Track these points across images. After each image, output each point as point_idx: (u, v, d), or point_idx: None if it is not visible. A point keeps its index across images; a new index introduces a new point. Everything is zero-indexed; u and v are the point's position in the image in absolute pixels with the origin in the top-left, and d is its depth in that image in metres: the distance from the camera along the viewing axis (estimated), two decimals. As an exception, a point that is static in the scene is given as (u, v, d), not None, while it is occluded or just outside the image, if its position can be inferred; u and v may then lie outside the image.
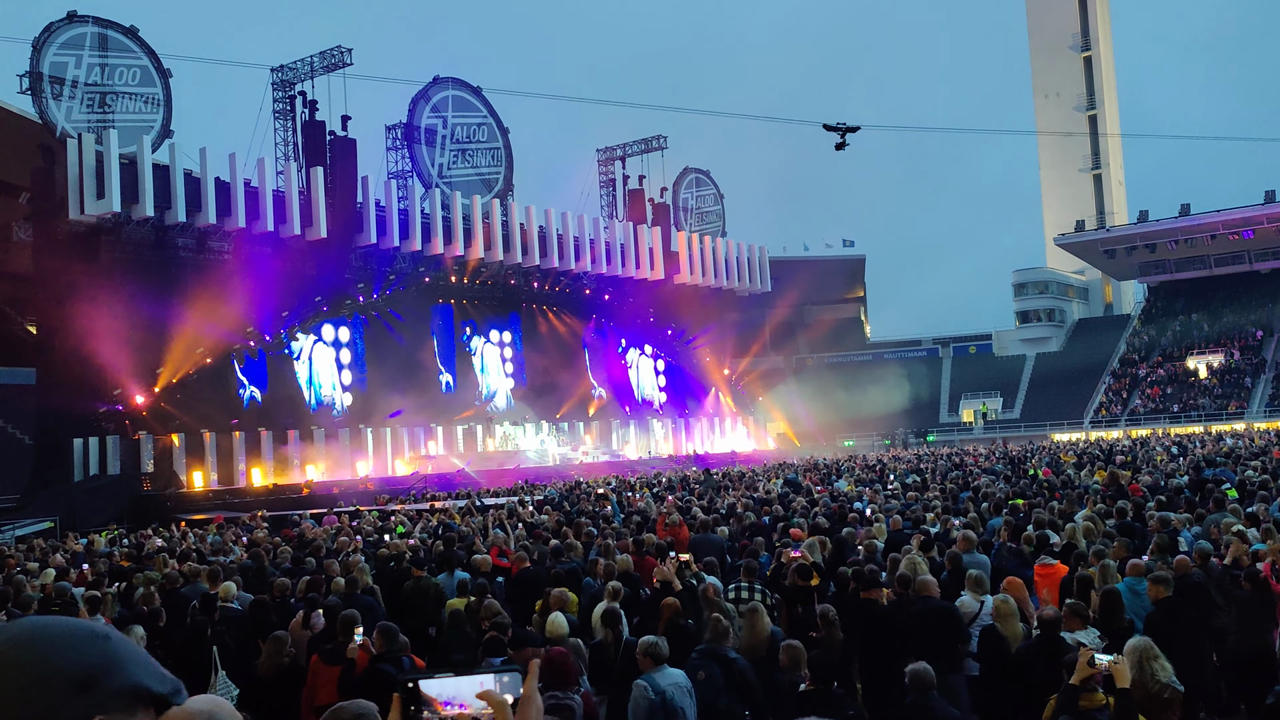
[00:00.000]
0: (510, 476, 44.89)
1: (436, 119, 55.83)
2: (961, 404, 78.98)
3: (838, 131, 31.87)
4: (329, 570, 13.17)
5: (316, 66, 48.26)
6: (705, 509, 20.00)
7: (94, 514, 34.38)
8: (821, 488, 25.84)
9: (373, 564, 14.27)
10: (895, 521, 15.39)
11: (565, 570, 12.34)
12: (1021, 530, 13.32)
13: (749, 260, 71.50)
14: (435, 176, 54.82)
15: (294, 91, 48.72)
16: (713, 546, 14.38)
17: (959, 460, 37.16)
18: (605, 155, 68.78)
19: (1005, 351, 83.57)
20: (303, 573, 13.20)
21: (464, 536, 16.74)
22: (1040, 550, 12.02)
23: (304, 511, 29.25)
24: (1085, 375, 75.05)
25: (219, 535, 22.06)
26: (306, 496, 38.92)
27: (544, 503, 26.85)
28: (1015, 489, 21.23)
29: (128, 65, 43.48)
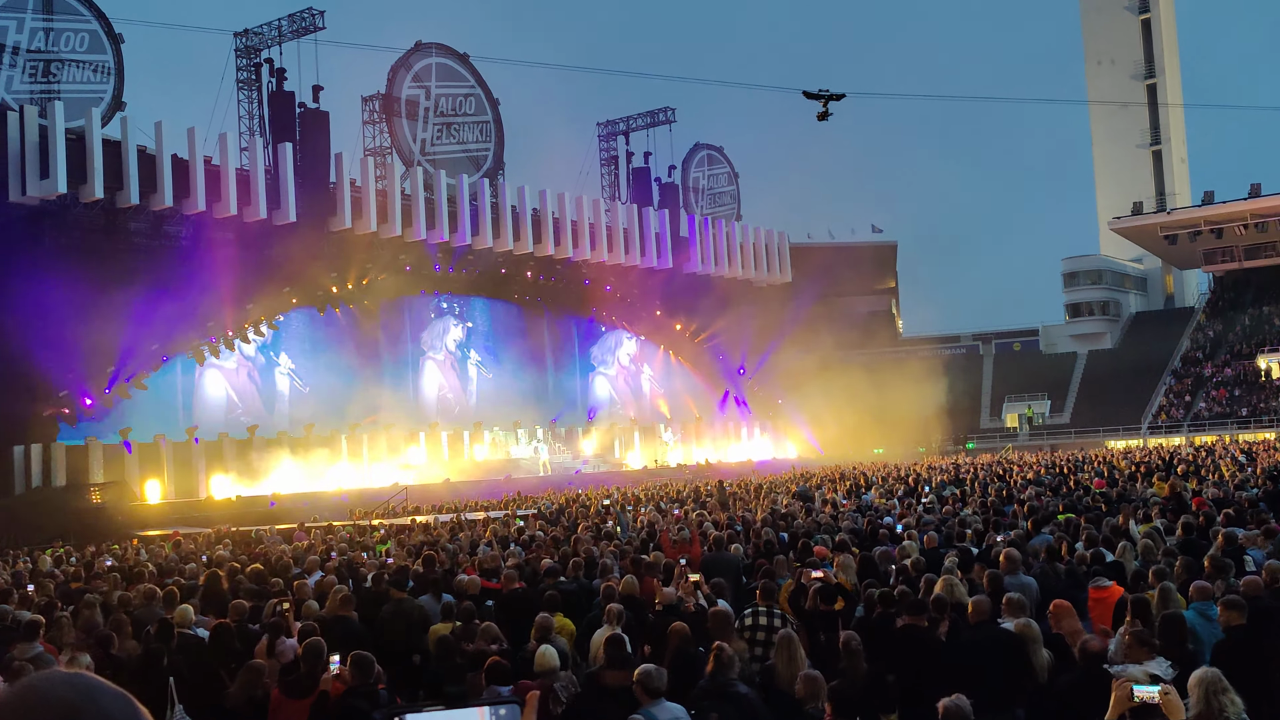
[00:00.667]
0: (501, 488, 44.91)
1: (418, 89, 55.86)
2: (1005, 407, 78.87)
3: (819, 99, 31.99)
4: (299, 592, 13.16)
5: (285, 31, 48.30)
6: (718, 524, 19.99)
7: (37, 530, 34.42)
8: (848, 501, 25.80)
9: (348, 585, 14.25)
10: (930, 539, 15.37)
11: (562, 592, 12.33)
12: (1072, 548, 13.28)
13: (767, 247, 71.44)
14: (417, 153, 54.84)
15: (260, 59, 48.76)
16: (726, 566, 14.37)
17: (1002, 470, 37.10)
18: (607, 130, 68.76)
19: (1054, 348, 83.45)
20: (268, 595, 13.20)
21: (450, 555, 16.74)
22: (1094, 571, 12.00)
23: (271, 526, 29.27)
24: (1143, 375, 74.92)
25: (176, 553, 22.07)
26: (274, 510, 38.95)
27: (538, 518, 26.83)
28: (1065, 502, 21.19)
29: (75, 30, 43.54)
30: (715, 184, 74.07)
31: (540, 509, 31.04)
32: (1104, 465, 36.52)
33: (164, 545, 24.50)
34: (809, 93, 32.18)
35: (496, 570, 14.85)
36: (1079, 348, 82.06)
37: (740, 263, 69.17)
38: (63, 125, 40.81)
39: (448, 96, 57.38)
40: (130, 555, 22.57)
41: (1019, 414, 77.74)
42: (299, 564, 17.34)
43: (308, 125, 48.54)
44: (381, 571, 15.01)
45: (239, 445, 46.02)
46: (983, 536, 15.62)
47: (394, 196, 51.14)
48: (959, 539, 15.56)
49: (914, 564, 12.94)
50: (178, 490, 43.46)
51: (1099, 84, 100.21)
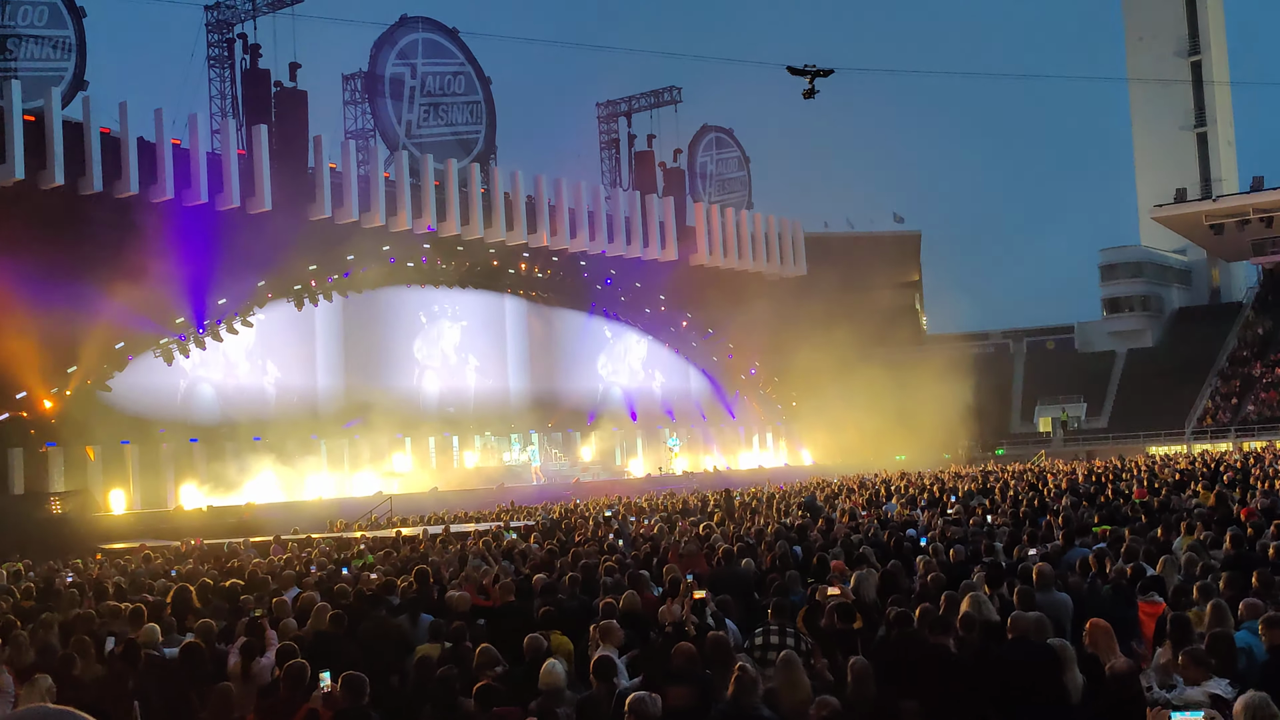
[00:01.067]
0: (493, 498, 44.96)
1: (404, 67, 55.89)
2: (1037, 410, 78.81)
3: (804, 76, 32.05)
4: (276, 609, 13.18)
5: (259, 4, 48.36)
6: (727, 537, 20.00)
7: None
8: (868, 512, 25.81)
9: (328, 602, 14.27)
10: (956, 552, 15.37)
11: (559, 610, 12.34)
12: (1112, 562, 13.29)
13: (781, 237, 71.44)
14: (402, 136, 54.86)
15: (232, 34, 48.83)
16: (736, 581, 14.38)
17: (1034, 478, 37.08)
18: (607, 111, 68.77)
19: (1090, 347, 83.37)
20: (242, 612, 13.22)
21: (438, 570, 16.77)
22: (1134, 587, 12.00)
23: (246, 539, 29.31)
24: (1187, 376, 74.85)
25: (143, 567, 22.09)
26: (249, 521, 38.99)
27: (532, 529, 26.85)
28: (1102, 513, 21.18)
29: (33, 3, 43.56)
30: (724, 169, 74.06)
31: (536, 520, 31.06)
32: (1144, 473, 36.49)
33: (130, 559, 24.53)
34: (794, 69, 32.19)
35: (488, 586, 14.86)
36: (1117, 346, 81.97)
37: (751, 254, 69.15)
38: (20, 106, 40.86)
39: (435, 75, 57.39)
40: (94, 570, 22.59)
41: (1052, 417, 77.66)
42: (275, 579, 17.35)
43: (284, 106, 48.54)
44: (364, 587, 15.03)
45: (210, 451, 46.06)
46: (1013, 550, 15.61)
47: (377, 182, 51.14)
48: (987, 553, 15.57)
49: (935, 580, 12.95)
50: (144, 500, 43.50)
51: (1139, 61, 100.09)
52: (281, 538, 28.00)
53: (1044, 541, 16.53)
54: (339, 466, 49.84)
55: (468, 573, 16.31)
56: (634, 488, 51.68)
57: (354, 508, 42.51)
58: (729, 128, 75.28)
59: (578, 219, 59.07)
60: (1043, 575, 12.16)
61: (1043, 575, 12.16)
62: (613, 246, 60.93)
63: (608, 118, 68.77)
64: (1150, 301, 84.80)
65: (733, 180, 74.32)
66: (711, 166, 73.27)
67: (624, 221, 61.60)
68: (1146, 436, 70.33)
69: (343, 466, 49.96)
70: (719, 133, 74.36)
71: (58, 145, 41.42)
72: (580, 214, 59.18)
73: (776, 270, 71.04)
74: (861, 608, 11.77)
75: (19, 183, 40.85)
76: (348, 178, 49.91)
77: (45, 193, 41.99)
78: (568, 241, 58.56)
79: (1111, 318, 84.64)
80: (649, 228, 62.82)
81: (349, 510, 41.70)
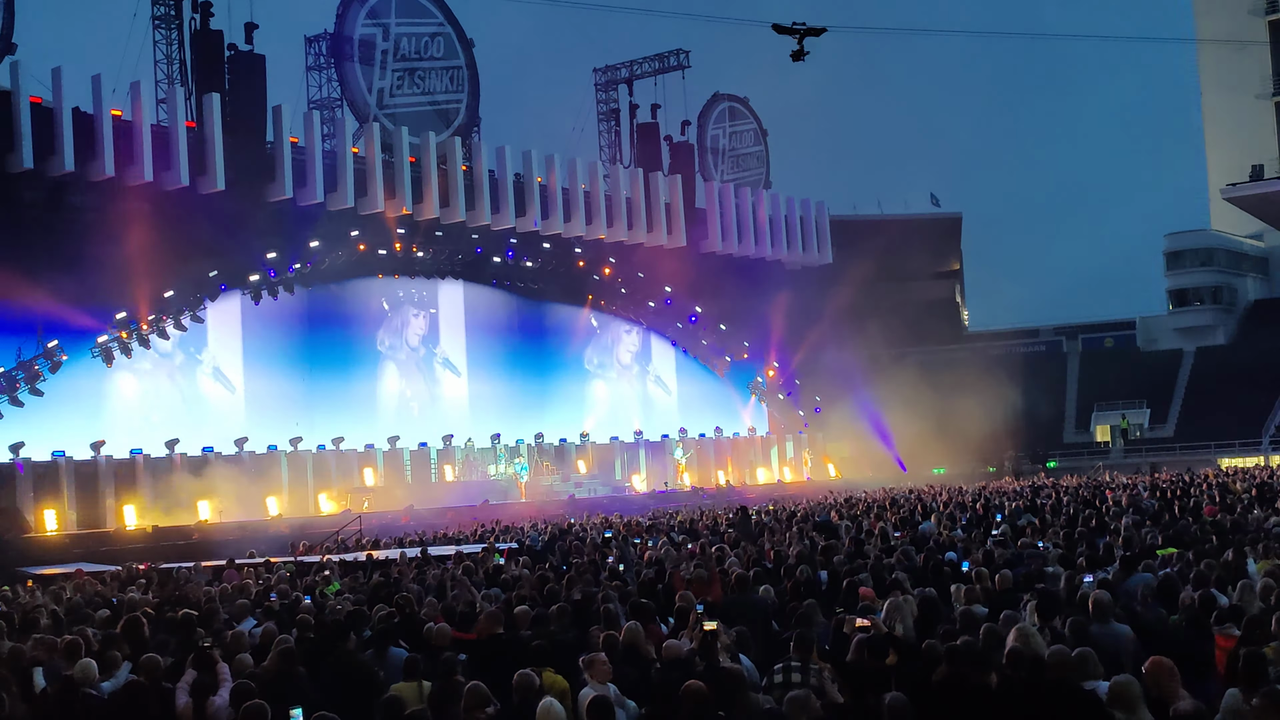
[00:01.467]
0: (476, 517, 44.97)
1: (375, 28, 55.92)
2: (1094, 417, 78.80)
3: (792, 36, 31.95)
4: (231, 643, 13.19)
5: (211, -44, 48.37)
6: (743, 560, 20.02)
7: (-91, 568, 34.48)
8: (901, 532, 25.81)
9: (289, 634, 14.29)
10: (1002, 578, 15.38)
11: (551, 642, 12.35)
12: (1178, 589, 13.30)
13: (803, 221, 71.41)
14: (373, 106, 54.90)
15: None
16: (752, 610, 14.39)
17: (1091, 494, 37.08)
18: (606, 77, 68.79)
19: (1154, 345, 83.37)
20: (192, 646, 13.23)
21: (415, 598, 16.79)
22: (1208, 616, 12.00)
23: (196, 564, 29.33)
24: (1263, 377, 74.76)
25: (80, 595, 22.10)
26: (198, 543, 38.97)
27: (522, 552, 26.86)
28: (1169, 533, 21.18)
29: (-46, -45, 43.59)
30: (739, 143, 74.07)
31: (524, 542, 31.06)
32: (1216, 488, 36.48)
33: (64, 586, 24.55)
34: (780, 26, 32.07)
35: (471, 616, 14.87)
36: (1185, 344, 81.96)
37: (770, 240, 69.12)
38: (-61, 73, 40.93)
39: (410, 36, 57.43)
40: (23, 598, 22.60)
41: (1111, 425, 77.64)
42: (230, 608, 17.35)
43: (239, 72, 48.55)
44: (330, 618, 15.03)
45: (155, 464, 46.01)
46: (1067, 576, 15.61)
47: (344, 158, 51.16)
48: (1037, 579, 15.58)
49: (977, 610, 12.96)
50: (80, 519, 43.45)
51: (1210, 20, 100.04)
52: (236, 562, 28.01)
53: (1102, 566, 16.52)
54: (301, 482, 49.82)
55: (448, 602, 16.32)
56: (637, 504, 51.68)
57: (319, 528, 42.51)
58: (744, 96, 75.26)
59: (572, 200, 59.03)
60: (1100, 604, 12.15)
61: (1100, 604, 12.15)
62: (612, 231, 60.88)
63: (606, 85, 68.77)
64: (1222, 293, 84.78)
65: (748, 156, 74.31)
66: (724, 140, 73.27)
67: (625, 203, 61.54)
68: (1218, 447, 70.30)
69: (305, 482, 49.93)
70: (732, 102, 74.34)
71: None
72: (575, 194, 59.15)
73: (798, 258, 70.98)
74: (894, 641, 11.77)
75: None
76: (311, 153, 49.91)
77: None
78: (561, 226, 58.52)
79: (1178, 312, 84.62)
80: (653, 210, 62.77)
81: (313, 530, 41.70)
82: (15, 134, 42.46)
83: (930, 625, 12.76)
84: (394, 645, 13.26)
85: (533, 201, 57.32)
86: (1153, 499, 33.00)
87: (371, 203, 51.48)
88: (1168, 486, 39.09)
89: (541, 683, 10.57)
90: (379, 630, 13.97)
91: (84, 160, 44.03)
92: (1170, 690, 9.43)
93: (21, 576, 30.25)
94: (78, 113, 44.14)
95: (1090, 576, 15.06)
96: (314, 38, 54.95)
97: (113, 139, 44.41)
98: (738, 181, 70.56)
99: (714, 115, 72.72)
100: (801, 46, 32.44)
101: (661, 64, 68.02)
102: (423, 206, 53.21)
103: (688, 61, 67.93)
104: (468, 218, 54.83)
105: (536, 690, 10.25)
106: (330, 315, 53.49)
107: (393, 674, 12.26)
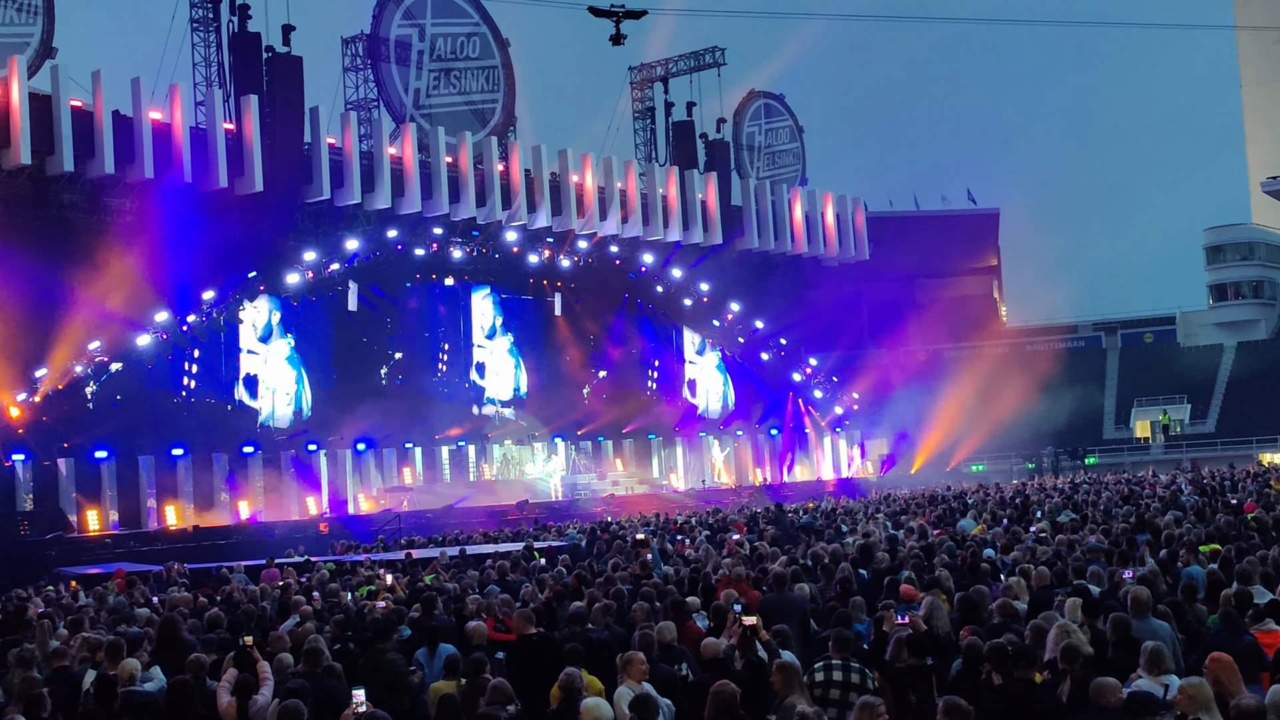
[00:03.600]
0: (515, 515, 45.06)
1: (411, 28, 56.05)
2: (1134, 413, 78.32)
3: (610, 19, 31.28)
4: (273, 644, 13.26)
5: (248, -41, 48.55)
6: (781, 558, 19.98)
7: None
8: (940, 529, 25.75)
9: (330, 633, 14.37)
10: (1041, 575, 15.32)
11: (587, 642, 12.37)
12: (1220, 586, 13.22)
13: (839, 218, 71.22)
14: (410, 107, 55.04)
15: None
16: (790, 609, 14.36)
17: (1131, 491, 36.88)
18: (641, 75, 68.73)
19: (1194, 340, 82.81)
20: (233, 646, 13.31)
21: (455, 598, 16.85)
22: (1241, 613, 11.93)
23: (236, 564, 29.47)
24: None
25: (123, 596, 22.26)
26: (238, 542, 39.17)
27: (558, 551, 26.89)
28: (1210, 530, 21.08)
29: (-6, -40, 43.90)
30: (775, 140, 73.93)
31: (567, 540, 31.12)
32: (1258, 484, 36.22)
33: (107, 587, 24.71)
34: (596, 9, 31.42)
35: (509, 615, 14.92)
36: (1225, 339, 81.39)
37: (806, 237, 68.98)
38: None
39: (447, 37, 57.54)
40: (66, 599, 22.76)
41: (1151, 421, 77.16)
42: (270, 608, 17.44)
43: (277, 74, 48.74)
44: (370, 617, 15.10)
45: (195, 464, 46.28)
46: (1108, 574, 15.55)
47: (381, 159, 51.30)
48: (1077, 576, 15.52)
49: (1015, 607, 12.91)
50: (122, 519, 43.75)
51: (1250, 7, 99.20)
52: (276, 561, 28.14)
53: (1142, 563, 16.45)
54: (340, 480, 50.03)
55: (487, 601, 16.37)
56: (675, 503, 51.65)
57: (358, 527, 42.68)
58: (779, 93, 75.14)
59: (608, 198, 59.04)
60: (1139, 601, 12.10)
61: (1139, 601, 12.10)
62: (648, 229, 60.85)
63: (642, 84, 68.72)
64: (1263, 288, 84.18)
65: (784, 153, 74.16)
66: (760, 138, 73.15)
67: (661, 201, 61.51)
68: (1260, 442, 69.78)
69: (344, 481, 50.15)
70: (768, 99, 74.22)
71: (24, 121, 41.64)
72: (610, 193, 59.15)
73: (835, 255, 70.80)
74: (934, 639, 11.75)
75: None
76: (349, 154, 50.07)
77: (8, 174, 42.32)
78: (597, 224, 58.54)
79: (1218, 307, 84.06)
80: (689, 208, 62.72)
81: (353, 530, 41.86)
82: (56, 137, 42.72)
83: (970, 623, 12.73)
84: (441, 644, 13.29)
85: (568, 200, 57.36)
86: (1194, 495, 32.80)
87: (408, 203, 51.61)
88: (1209, 483, 38.82)
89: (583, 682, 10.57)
90: (421, 630, 14.02)
91: (123, 163, 44.28)
92: (1232, 686, 9.35)
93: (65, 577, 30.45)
94: (117, 116, 44.39)
95: (1129, 573, 15.01)
96: (351, 39, 55.11)
97: (151, 142, 44.64)
98: (774, 179, 70.43)
99: (750, 112, 72.61)
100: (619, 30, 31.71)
101: (697, 62, 67.94)
102: (459, 206, 53.32)
103: (723, 59, 67.83)
104: (504, 217, 54.90)
105: (580, 690, 10.25)
106: (366, 316, 53.62)
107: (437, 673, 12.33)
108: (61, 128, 42.77)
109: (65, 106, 43.03)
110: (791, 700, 9.64)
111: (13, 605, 21.30)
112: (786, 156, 74.19)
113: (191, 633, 15.18)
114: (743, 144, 71.26)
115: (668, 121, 68.01)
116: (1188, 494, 33.44)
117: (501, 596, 16.43)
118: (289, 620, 15.87)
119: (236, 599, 19.79)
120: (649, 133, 68.09)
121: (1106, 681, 9.53)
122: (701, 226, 63.24)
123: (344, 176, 49.73)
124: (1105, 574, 15.55)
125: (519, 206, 55.22)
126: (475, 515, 45.31)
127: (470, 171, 53.59)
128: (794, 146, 74.76)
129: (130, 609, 19.37)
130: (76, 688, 12.06)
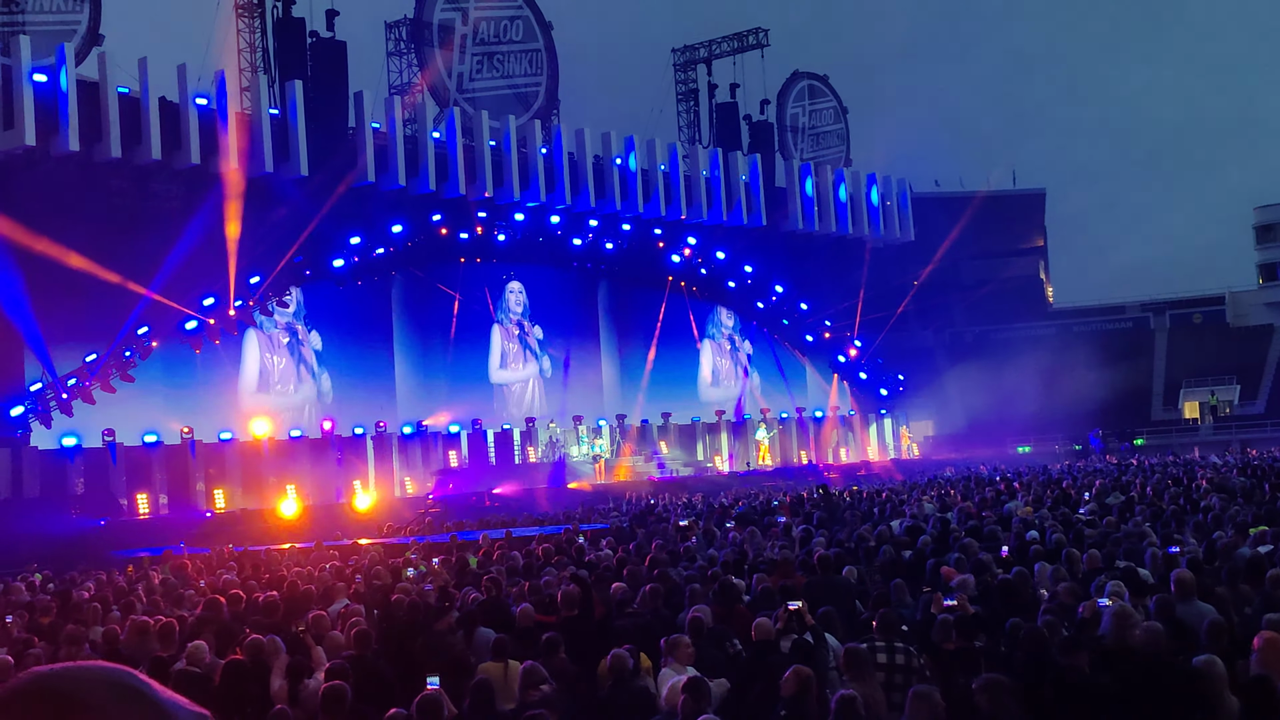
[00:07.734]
0: (558, 499, 45.19)
1: (454, 12, 56.16)
2: (1183, 394, 77.69)
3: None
4: (318, 625, 13.40)
5: (292, -56, 48.77)
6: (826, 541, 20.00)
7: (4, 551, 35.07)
8: (987, 511, 25.68)
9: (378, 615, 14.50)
10: (1091, 558, 15.29)
11: (634, 625, 12.44)
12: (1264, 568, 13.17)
13: (884, 199, 70.97)
14: (453, 91, 55.15)
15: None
16: (836, 592, 14.38)
17: (1180, 473, 36.67)
18: (684, 57, 68.63)
19: (1244, 320, 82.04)
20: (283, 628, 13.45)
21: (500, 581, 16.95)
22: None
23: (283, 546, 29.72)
24: (1358, 352, 73.58)
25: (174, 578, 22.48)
26: (285, 525, 39.45)
27: (604, 534, 26.98)
28: (1260, 511, 20.95)
29: (42, -51, 44.22)
30: (819, 121, 73.67)
31: (612, 523, 31.21)
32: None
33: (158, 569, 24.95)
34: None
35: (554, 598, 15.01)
36: (1276, 319, 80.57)
37: (850, 218, 68.76)
38: (29, 65, 41.51)
39: (490, 20, 57.59)
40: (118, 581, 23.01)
41: (1200, 402, 76.54)
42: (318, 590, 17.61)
43: (321, 59, 48.96)
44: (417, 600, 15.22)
45: (243, 448, 46.63)
46: (1155, 555, 15.50)
47: (426, 144, 51.46)
48: (1125, 558, 15.47)
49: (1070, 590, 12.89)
50: (171, 503, 44.14)
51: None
52: (323, 544, 28.35)
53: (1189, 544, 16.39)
54: (387, 464, 50.26)
55: (533, 583, 16.46)
56: (720, 485, 51.65)
57: (404, 510, 42.87)
58: (823, 74, 74.84)
59: (651, 181, 59.01)
60: (1183, 583, 12.07)
61: (1183, 583, 12.07)
62: (691, 211, 60.82)
63: (685, 65, 68.61)
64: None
65: (828, 134, 73.91)
66: (804, 119, 72.91)
67: (704, 183, 61.45)
68: (1312, 424, 69.22)
69: (390, 464, 50.38)
70: (812, 80, 73.95)
71: (71, 107, 42.00)
72: (653, 175, 59.12)
73: (879, 236, 70.56)
74: (980, 621, 11.74)
75: (29, 149, 41.52)
76: (393, 139, 50.24)
77: (58, 160, 42.65)
78: (640, 207, 58.55)
79: (1268, 286, 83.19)
80: (733, 190, 62.63)
81: (398, 513, 42.06)
82: (103, 124, 43.10)
83: (1016, 606, 12.72)
84: (487, 627, 13.39)
85: (612, 183, 57.39)
86: (1243, 476, 32.60)
87: (452, 187, 51.77)
88: (1259, 464, 38.56)
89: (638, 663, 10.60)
90: (469, 612, 14.13)
91: (170, 149, 44.63)
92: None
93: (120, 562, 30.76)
94: (163, 102, 44.71)
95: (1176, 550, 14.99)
96: (394, 23, 55.29)
97: (198, 127, 44.97)
98: (818, 160, 70.22)
99: (793, 93, 72.39)
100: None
101: (740, 43, 67.82)
102: (503, 190, 53.43)
103: (767, 40, 67.66)
104: (547, 200, 55.00)
105: (632, 671, 10.29)
106: (411, 299, 53.86)
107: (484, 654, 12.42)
108: (109, 114, 43.12)
109: (113, 93, 43.38)
110: (861, 685, 9.64)
111: (64, 589, 21.58)
112: (831, 138, 73.95)
113: (240, 615, 15.34)
114: (786, 125, 71.08)
115: (711, 103, 67.94)
116: (1236, 476, 33.28)
117: (546, 579, 16.53)
118: (338, 603, 16.02)
119: (286, 580, 19.97)
120: (692, 115, 68.04)
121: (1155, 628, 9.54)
122: (745, 208, 63.15)
123: (388, 161, 49.92)
124: (1153, 556, 15.50)
125: (562, 189, 55.29)
126: (520, 498, 45.50)
127: (514, 155, 53.67)
128: (838, 128, 74.50)
129: (181, 591, 19.57)
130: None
